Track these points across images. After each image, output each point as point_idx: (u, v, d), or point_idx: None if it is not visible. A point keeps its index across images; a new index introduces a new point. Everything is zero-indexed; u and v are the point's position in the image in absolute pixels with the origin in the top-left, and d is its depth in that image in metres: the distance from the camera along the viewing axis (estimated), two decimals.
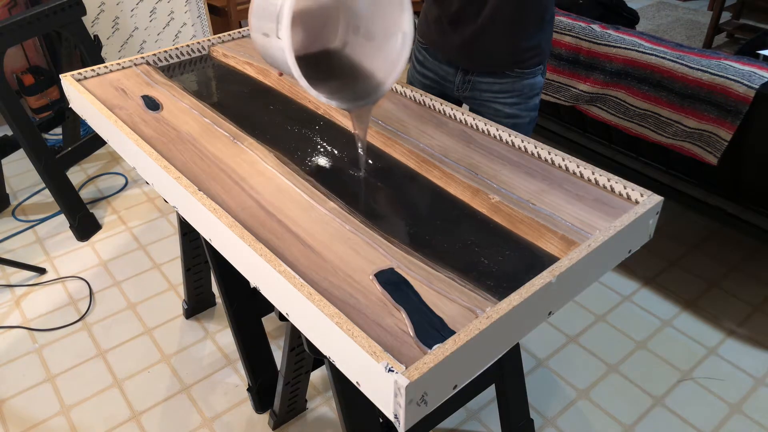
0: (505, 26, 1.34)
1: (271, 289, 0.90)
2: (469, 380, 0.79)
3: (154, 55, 1.57)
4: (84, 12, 2.29)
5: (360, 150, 1.16)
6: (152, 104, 1.36)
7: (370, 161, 1.20)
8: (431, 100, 1.36)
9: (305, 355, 1.40)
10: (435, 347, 0.74)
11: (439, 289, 0.88)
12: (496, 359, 0.83)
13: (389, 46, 1.12)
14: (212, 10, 3.37)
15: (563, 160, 1.14)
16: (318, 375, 1.73)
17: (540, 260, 0.95)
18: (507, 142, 1.22)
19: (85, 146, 2.41)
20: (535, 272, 0.85)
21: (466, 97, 1.49)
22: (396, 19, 1.09)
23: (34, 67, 3.05)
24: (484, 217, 1.05)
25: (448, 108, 1.33)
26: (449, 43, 1.42)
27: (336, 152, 1.23)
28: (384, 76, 1.12)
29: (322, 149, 1.24)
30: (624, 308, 1.97)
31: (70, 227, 2.29)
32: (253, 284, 0.96)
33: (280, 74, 1.39)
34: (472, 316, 0.83)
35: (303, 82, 0.99)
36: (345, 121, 1.32)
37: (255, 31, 1.07)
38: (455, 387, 0.77)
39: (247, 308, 1.52)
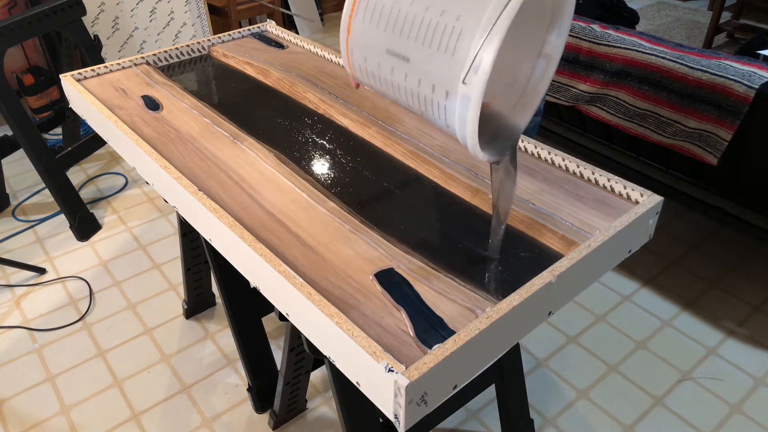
0: None
1: (271, 289, 0.90)
2: (469, 380, 0.79)
3: (154, 55, 1.57)
4: (84, 12, 2.29)
5: (497, 229, 0.92)
6: (152, 104, 1.36)
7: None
8: None
9: (305, 355, 1.40)
10: (435, 347, 0.74)
11: (439, 289, 0.88)
12: (496, 359, 0.83)
13: (520, 69, 0.82)
14: (212, 10, 3.37)
15: (563, 160, 1.14)
16: (318, 375, 1.73)
17: (540, 260, 0.95)
18: None
19: (85, 146, 2.41)
20: (535, 272, 0.85)
21: None
22: (535, 34, 0.79)
23: (34, 67, 3.05)
24: (485, 216, 1.05)
25: None
26: None
27: (337, 151, 1.23)
28: (511, 110, 0.83)
29: (322, 147, 1.24)
30: (624, 308, 1.97)
31: (70, 227, 2.29)
32: (253, 284, 0.96)
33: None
34: (472, 316, 0.83)
35: (478, 150, 0.73)
36: (344, 121, 1.32)
37: (374, 50, 0.75)
38: (455, 387, 0.77)
39: (247, 308, 1.52)
